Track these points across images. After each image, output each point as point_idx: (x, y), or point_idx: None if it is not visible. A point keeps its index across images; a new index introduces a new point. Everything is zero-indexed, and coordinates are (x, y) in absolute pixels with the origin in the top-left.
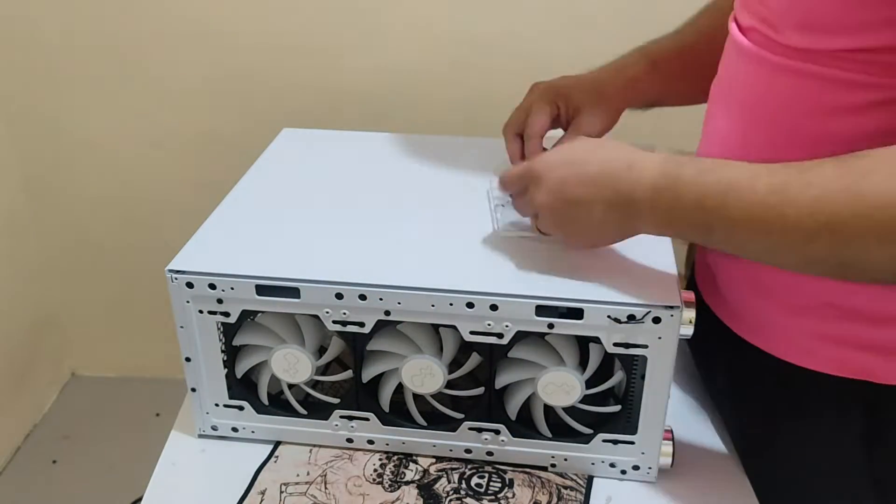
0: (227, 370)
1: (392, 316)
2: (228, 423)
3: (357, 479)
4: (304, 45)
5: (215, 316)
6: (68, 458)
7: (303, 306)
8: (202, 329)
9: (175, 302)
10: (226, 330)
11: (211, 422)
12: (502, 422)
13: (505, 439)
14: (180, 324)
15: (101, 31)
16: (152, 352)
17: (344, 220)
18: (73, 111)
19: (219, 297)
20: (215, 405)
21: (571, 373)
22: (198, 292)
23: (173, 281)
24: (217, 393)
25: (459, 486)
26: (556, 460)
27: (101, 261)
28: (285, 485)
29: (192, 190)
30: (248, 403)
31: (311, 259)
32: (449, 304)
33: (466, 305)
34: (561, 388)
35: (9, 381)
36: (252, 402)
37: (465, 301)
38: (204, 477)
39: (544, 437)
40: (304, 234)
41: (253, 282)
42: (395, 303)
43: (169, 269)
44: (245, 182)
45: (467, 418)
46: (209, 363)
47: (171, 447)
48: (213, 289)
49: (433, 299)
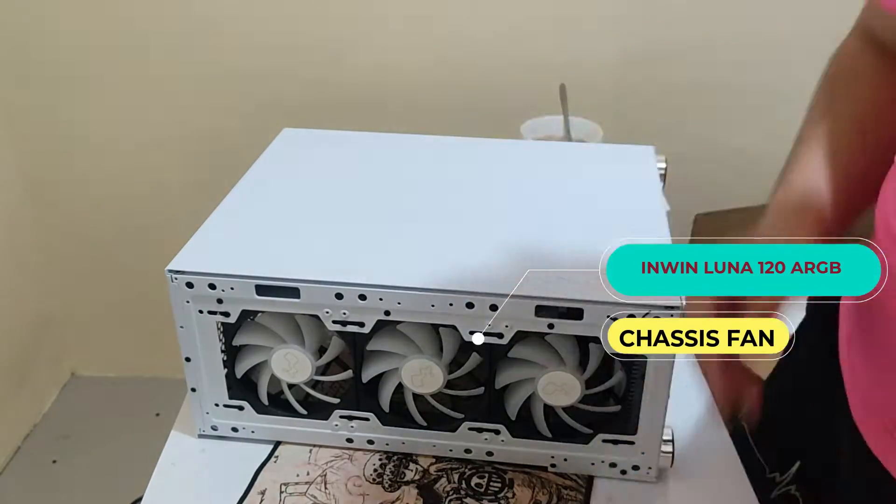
0: (227, 370)
1: (392, 316)
2: (228, 423)
3: (357, 479)
4: (304, 44)
5: (215, 316)
6: (68, 458)
7: (303, 306)
8: (202, 329)
9: (175, 302)
10: (226, 330)
11: (211, 422)
12: (502, 422)
13: (505, 439)
14: (180, 324)
15: (102, 31)
16: (152, 352)
17: (344, 220)
18: (73, 111)
19: (219, 297)
20: (215, 405)
21: (571, 373)
22: (198, 292)
23: (173, 281)
24: (217, 393)
25: (459, 486)
26: (555, 460)
27: (101, 261)
28: (285, 485)
29: (192, 190)
30: (248, 403)
31: (311, 259)
32: (449, 305)
33: (466, 305)
34: (561, 389)
35: (9, 381)
36: (252, 402)
37: (465, 301)
38: (204, 477)
39: (544, 437)
40: (304, 233)
41: (253, 282)
42: (394, 303)
43: (169, 269)
44: (245, 182)
45: (467, 418)
46: (209, 363)
47: (171, 447)
48: (212, 289)
49: (433, 299)
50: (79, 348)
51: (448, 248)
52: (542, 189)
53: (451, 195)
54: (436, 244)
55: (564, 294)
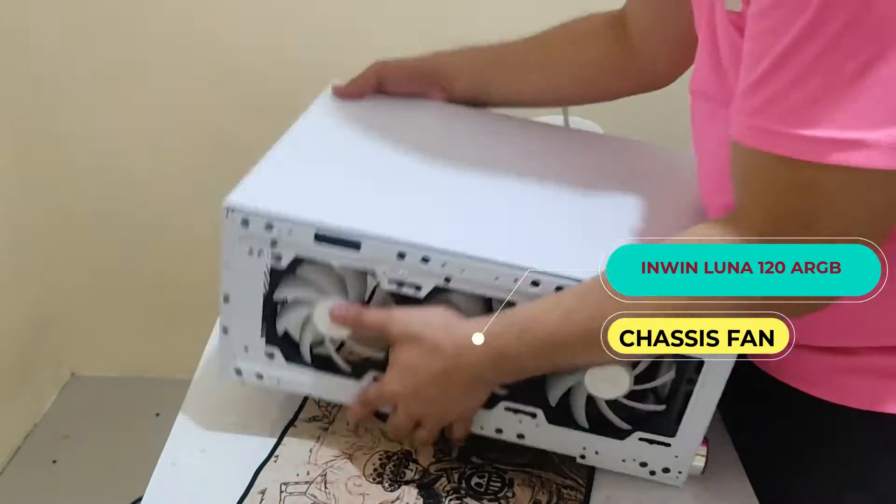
0: (264, 314)
1: (452, 284)
2: (255, 369)
3: (357, 479)
4: (305, 45)
5: (265, 258)
6: (68, 458)
7: (360, 260)
8: (248, 269)
9: (226, 238)
10: (272, 274)
11: (237, 365)
12: (541, 406)
13: (540, 424)
14: (227, 260)
15: (102, 32)
16: (152, 352)
17: (409, 179)
18: (73, 112)
19: (274, 238)
20: (245, 349)
21: (623, 366)
22: (252, 232)
23: (228, 216)
24: (249, 336)
25: (459, 486)
26: (586, 452)
27: (102, 261)
28: (285, 484)
29: (192, 190)
30: (280, 351)
31: (377, 213)
32: (514, 280)
33: (532, 283)
34: (609, 381)
35: (9, 381)
36: (285, 350)
37: (532, 279)
38: (204, 477)
39: (580, 427)
40: (364, 187)
41: (313, 228)
42: (458, 270)
43: (226, 204)
44: (299, 128)
45: (506, 398)
46: (247, 305)
47: (171, 447)
48: (269, 230)
49: (499, 272)
50: (79, 348)
51: (520, 224)
52: (612, 175)
53: (525, 172)
54: (507, 217)
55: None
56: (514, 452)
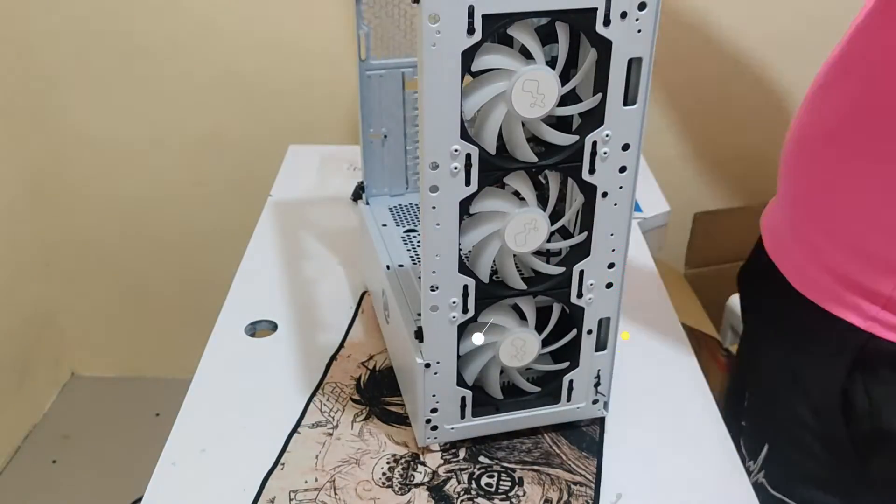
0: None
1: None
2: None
3: (367, 484)
4: (306, 45)
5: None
6: (68, 458)
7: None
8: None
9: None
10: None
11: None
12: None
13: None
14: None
15: (102, 31)
16: (152, 352)
17: None
18: (73, 111)
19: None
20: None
21: (531, 332)
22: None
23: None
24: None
25: (470, 487)
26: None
27: (102, 261)
28: (294, 492)
29: (192, 190)
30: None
31: None
32: None
33: None
34: (521, 350)
35: (8, 381)
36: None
37: None
38: (204, 477)
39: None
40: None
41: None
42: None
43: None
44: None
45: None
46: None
47: (171, 447)
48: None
49: None
50: (79, 348)
51: None
52: None
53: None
54: None
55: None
56: (522, 451)
